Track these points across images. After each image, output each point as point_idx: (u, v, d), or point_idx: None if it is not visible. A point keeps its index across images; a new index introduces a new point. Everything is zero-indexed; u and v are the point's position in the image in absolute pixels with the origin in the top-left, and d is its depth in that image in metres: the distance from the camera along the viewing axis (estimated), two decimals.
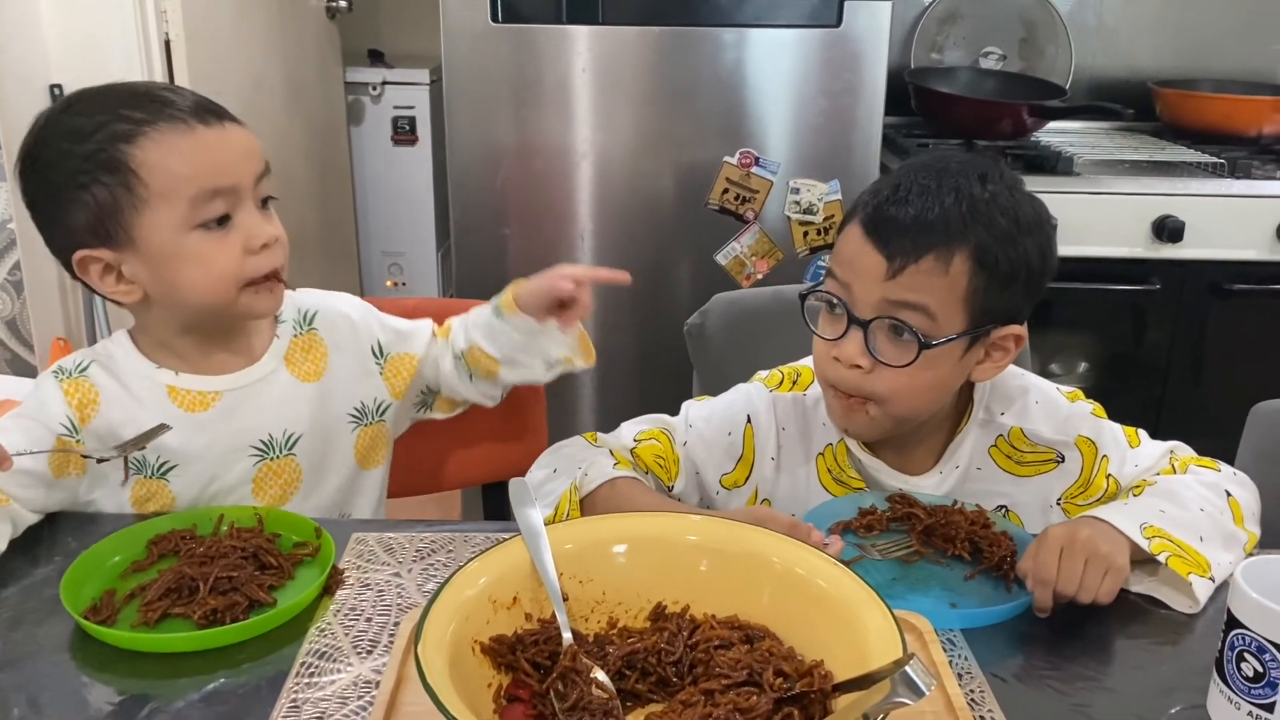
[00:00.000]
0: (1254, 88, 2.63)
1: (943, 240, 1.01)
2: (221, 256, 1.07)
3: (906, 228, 1.02)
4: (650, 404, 1.30)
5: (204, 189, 1.04)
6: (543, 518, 0.88)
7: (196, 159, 1.04)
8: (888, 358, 1.05)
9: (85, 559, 0.98)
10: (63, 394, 1.10)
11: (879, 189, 1.06)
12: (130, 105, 1.04)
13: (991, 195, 1.04)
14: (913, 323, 1.03)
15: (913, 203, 1.02)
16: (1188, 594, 0.97)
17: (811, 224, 2.19)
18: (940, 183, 1.04)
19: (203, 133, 1.05)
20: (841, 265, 1.07)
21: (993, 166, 1.08)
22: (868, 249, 1.03)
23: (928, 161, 1.09)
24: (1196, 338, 2.27)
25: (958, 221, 1.02)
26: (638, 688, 0.81)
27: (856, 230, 1.05)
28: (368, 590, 0.98)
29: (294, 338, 1.22)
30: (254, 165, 1.09)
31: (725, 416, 1.19)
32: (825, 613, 0.79)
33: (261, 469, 1.18)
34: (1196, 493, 1.06)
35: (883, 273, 1.02)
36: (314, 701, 0.83)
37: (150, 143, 1.03)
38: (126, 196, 1.03)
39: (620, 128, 2.17)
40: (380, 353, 1.27)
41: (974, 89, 2.63)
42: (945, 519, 1.05)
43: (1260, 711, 0.79)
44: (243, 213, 1.08)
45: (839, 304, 1.06)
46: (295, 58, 2.75)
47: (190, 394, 1.14)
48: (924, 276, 1.02)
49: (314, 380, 1.21)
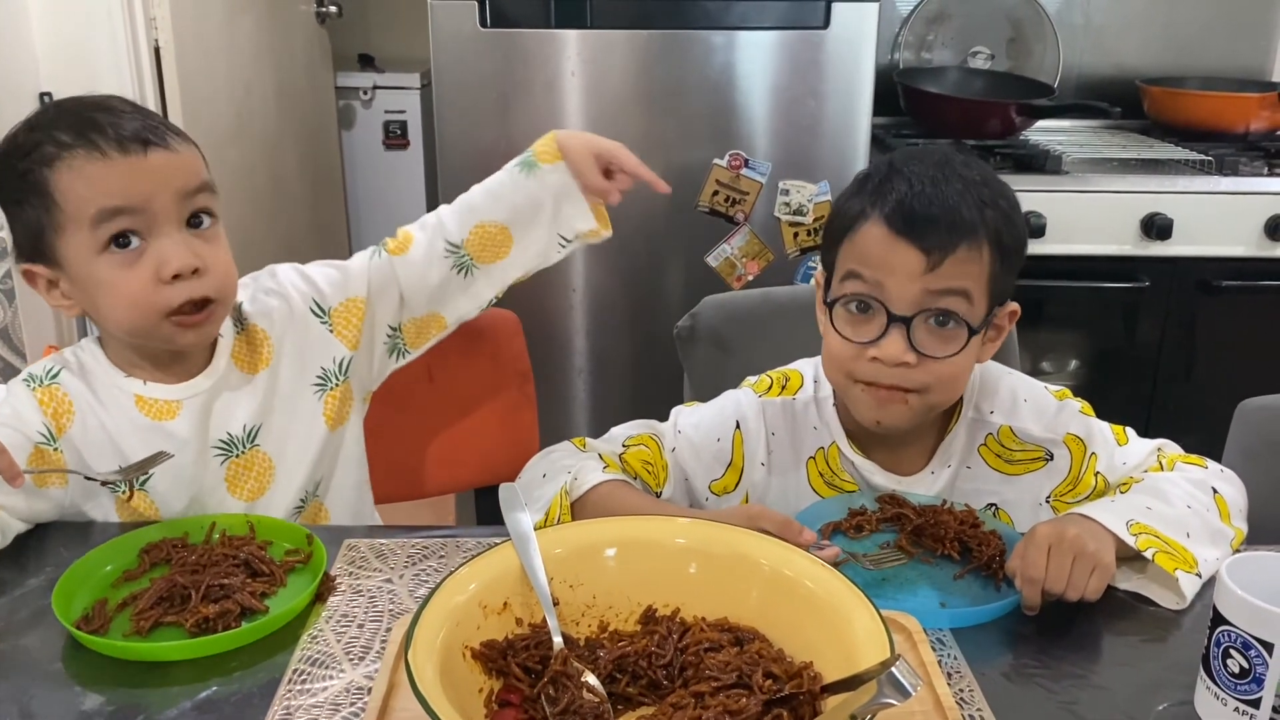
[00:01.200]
0: (1241, 85, 2.64)
1: (971, 228, 1.04)
2: (131, 283, 1.05)
3: (937, 220, 1.03)
4: (643, 406, 1.31)
5: (104, 208, 1.03)
6: (533, 523, 0.89)
7: (100, 184, 1.03)
8: (933, 350, 1.06)
9: (77, 568, 0.98)
10: (37, 403, 1.11)
11: (886, 185, 1.07)
12: (64, 127, 1.04)
13: (984, 180, 1.07)
14: (958, 309, 1.05)
15: (933, 196, 1.04)
16: (1175, 590, 0.97)
17: (801, 225, 2.19)
18: (944, 173, 1.06)
19: (117, 160, 1.03)
20: (869, 266, 1.06)
21: (961, 153, 1.12)
22: (900, 246, 1.04)
23: (913, 154, 1.10)
24: (1186, 335, 2.28)
25: (977, 210, 1.04)
26: (629, 691, 0.81)
27: (880, 229, 1.05)
28: (359, 597, 0.99)
29: (236, 336, 1.20)
30: (176, 183, 1.06)
31: (714, 423, 1.19)
32: (813, 614, 0.80)
33: (230, 467, 1.18)
34: (1183, 490, 1.06)
35: (921, 267, 1.03)
36: (306, 708, 0.83)
37: (65, 168, 1.03)
38: (47, 219, 1.05)
39: (609, 130, 2.15)
40: (322, 309, 1.24)
41: (962, 88, 2.64)
42: (934, 519, 1.06)
43: (1246, 707, 0.80)
44: (158, 237, 1.06)
45: (876, 304, 1.06)
46: (285, 63, 2.75)
47: (157, 403, 1.14)
48: (961, 264, 1.04)
49: (260, 370, 1.20)
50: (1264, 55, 2.75)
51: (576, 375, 2.33)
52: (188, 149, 1.08)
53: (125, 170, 1.03)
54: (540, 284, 2.24)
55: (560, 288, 2.27)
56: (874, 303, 1.06)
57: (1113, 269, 2.21)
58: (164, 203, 1.05)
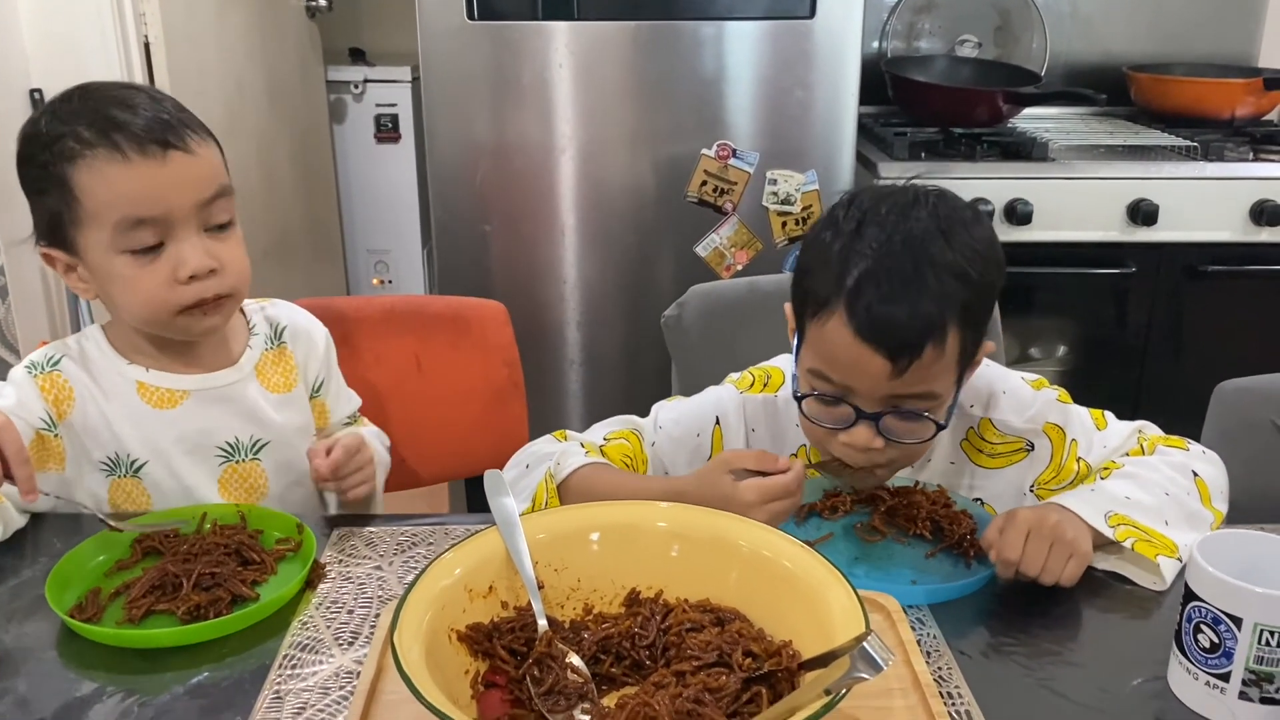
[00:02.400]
0: (1227, 70, 2.65)
1: (938, 327, 0.99)
2: (148, 282, 1.09)
3: (902, 328, 0.98)
4: (634, 396, 1.32)
5: (125, 217, 1.06)
6: (520, 511, 0.90)
7: (124, 189, 1.05)
8: (901, 436, 1.05)
9: (70, 558, 0.99)
10: (38, 389, 1.13)
11: (857, 286, 1.00)
12: (86, 122, 1.06)
13: (959, 249, 1.01)
14: (925, 409, 1.03)
15: (899, 296, 0.98)
16: (1154, 572, 0.99)
17: (789, 214, 2.21)
18: (915, 260, 0.99)
19: (138, 164, 1.05)
20: (837, 368, 1.03)
21: (930, 199, 1.04)
22: (866, 353, 0.99)
23: (883, 223, 1.02)
24: (1173, 319, 2.29)
25: (946, 304, 0.99)
26: (612, 671, 0.83)
27: (845, 332, 1.00)
28: (349, 583, 1.00)
29: (266, 350, 1.25)
30: (196, 193, 1.08)
31: (694, 418, 1.20)
32: (791, 593, 0.81)
33: (227, 471, 1.20)
34: (1163, 474, 1.07)
35: (887, 374, 1.00)
36: (296, 692, 0.85)
37: (86, 167, 1.05)
38: (68, 213, 1.08)
39: (598, 122, 2.18)
40: (317, 388, 1.30)
41: (950, 77, 2.65)
42: (907, 499, 1.08)
43: (1216, 680, 0.81)
44: (177, 241, 1.08)
45: (843, 402, 1.04)
46: (276, 57, 2.75)
47: (159, 391, 1.16)
48: (927, 367, 1.00)
49: (284, 392, 1.24)
50: (1250, 41, 2.77)
51: (568, 366, 2.34)
52: (206, 148, 1.10)
53: (145, 175, 1.05)
54: (531, 276, 2.27)
55: (551, 279, 2.28)
56: (841, 401, 1.04)
57: (1099, 255, 2.23)
58: (183, 212, 1.08)
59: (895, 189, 1.06)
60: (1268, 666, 0.79)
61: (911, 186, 1.06)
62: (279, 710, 0.82)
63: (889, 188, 1.07)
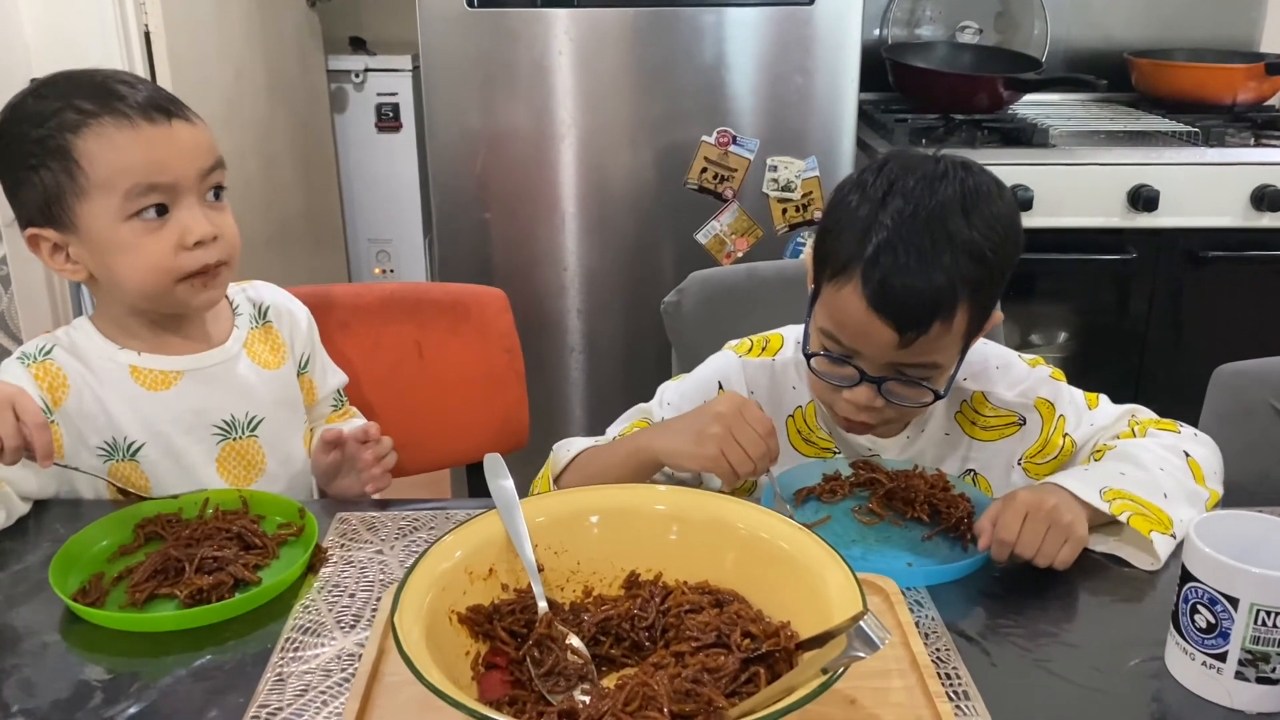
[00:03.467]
0: (1228, 55, 2.65)
1: (948, 304, 1.02)
2: (154, 249, 1.10)
3: (913, 301, 1.01)
4: (635, 383, 1.33)
5: (138, 183, 1.07)
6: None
7: (134, 154, 1.07)
8: (902, 399, 1.08)
9: (74, 543, 1.00)
10: (32, 378, 1.13)
11: (876, 254, 1.01)
12: (84, 95, 1.07)
13: (978, 226, 1.02)
14: (926, 377, 1.07)
15: (914, 270, 1.00)
16: (1149, 552, 0.99)
17: (790, 201, 2.21)
18: (932, 234, 1.01)
19: (145, 129, 1.07)
20: (846, 332, 1.06)
21: (957, 173, 1.05)
22: (876, 323, 1.02)
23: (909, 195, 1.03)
24: (1173, 305, 2.29)
25: (958, 281, 1.01)
26: (612, 653, 0.84)
27: (858, 301, 1.03)
28: (350, 567, 1.01)
29: (252, 329, 1.26)
30: (199, 161, 1.11)
31: (698, 387, 1.22)
32: (789, 574, 0.82)
33: (224, 449, 1.21)
34: (1156, 454, 1.08)
35: (894, 344, 1.03)
36: (299, 675, 0.85)
37: (93, 135, 1.06)
38: (69, 184, 1.07)
39: (598, 110, 2.18)
40: (304, 364, 1.33)
41: (950, 63, 2.64)
42: (906, 483, 1.08)
43: (1213, 661, 0.82)
44: (181, 208, 1.10)
45: (849, 363, 1.07)
46: (276, 47, 2.75)
47: (152, 373, 1.17)
48: (933, 341, 1.03)
49: (274, 368, 1.26)
50: (1251, 26, 2.76)
51: (569, 354, 2.35)
52: (201, 123, 1.13)
53: (153, 140, 1.07)
54: (532, 264, 2.28)
55: (552, 267, 2.28)
56: (847, 362, 1.07)
57: (1100, 241, 2.22)
58: (189, 179, 1.10)
59: (925, 159, 1.08)
60: (1264, 646, 0.80)
61: (942, 158, 1.08)
62: (281, 692, 0.83)
63: (918, 157, 1.08)
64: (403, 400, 1.46)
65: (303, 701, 0.82)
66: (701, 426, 1.02)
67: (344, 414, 1.39)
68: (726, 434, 1.00)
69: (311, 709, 0.81)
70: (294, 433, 1.28)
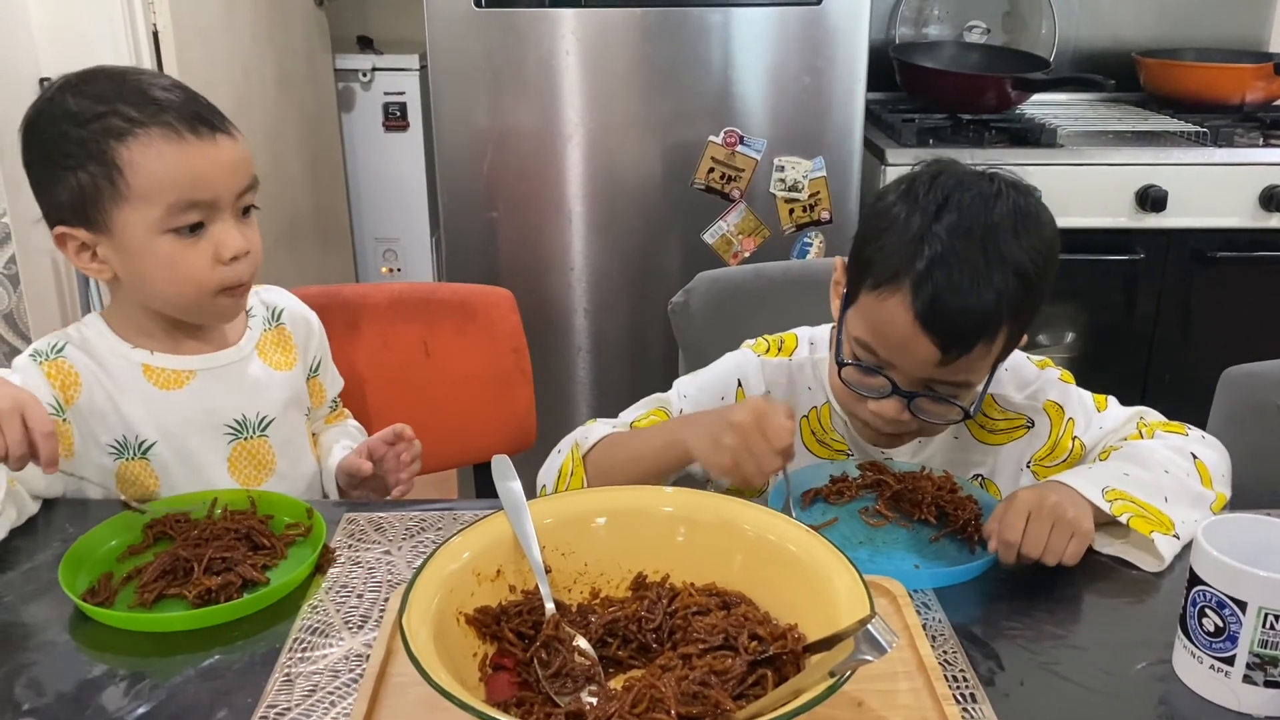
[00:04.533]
0: (1237, 55, 2.64)
1: (994, 324, 1.02)
2: (189, 263, 1.10)
3: (963, 320, 1.00)
4: (642, 383, 1.33)
5: (181, 199, 1.08)
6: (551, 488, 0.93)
7: (180, 169, 1.07)
8: (929, 415, 1.08)
9: (82, 543, 1.00)
10: (44, 376, 1.13)
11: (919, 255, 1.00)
12: (130, 101, 1.07)
13: (1026, 248, 1.02)
14: (957, 395, 1.07)
15: (966, 289, 0.99)
16: (1153, 553, 0.99)
17: (797, 201, 2.21)
18: (985, 252, 1.00)
19: (192, 143, 1.07)
20: (886, 344, 1.05)
21: (1010, 192, 1.05)
22: (921, 338, 1.01)
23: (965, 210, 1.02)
24: (1181, 306, 2.29)
25: (1004, 302, 1.01)
26: (619, 654, 0.84)
27: (905, 314, 1.01)
28: (358, 568, 1.01)
29: (265, 331, 1.27)
30: (239, 180, 1.11)
31: (717, 383, 1.23)
32: (796, 576, 0.82)
33: (236, 448, 1.21)
34: (1162, 455, 1.08)
35: (934, 361, 1.03)
36: (307, 675, 0.85)
37: (139, 145, 1.06)
38: (109, 189, 1.07)
39: (605, 110, 2.18)
40: (315, 369, 1.34)
41: (958, 63, 2.64)
42: (913, 484, 1.08)
43: (1221, 664, 0.82)
44: (217, 224, 1.11)
45: (882, 375, 1.07)
46: (284, 46, 2.76)
47: (165, 372, 1.17)
48: (974, 360, 1.03)
49: (285, 370, 1.27)
50: (1260, 26, 2.75)
51: (576, 354, 2.35)
52: (240, 136, 1.13)
53: (199, 156, 1.08)
54: (539, 264, 2.28)
55: (559, 267, 2.28)
56: (879, 373, 1.07)
57: (1108, 241, 2.22)
58: (227, 198, 1.11)
59: (978, 174, 1.07)
60: (1272, 650, 0.79)
61: (995, 175, 1.07)
62: (289, 693, 0.83)
63: (972, 172, 1.07)
64: (410, 400, 1.46)
65: (311, 702, 0.82)
66: (718, 433, 1.01)
67: (339, 415, 1.41)
68: (741, 445, 0.99)
69: (319, 709, 0.81)
70: (302, 434, 1.28)
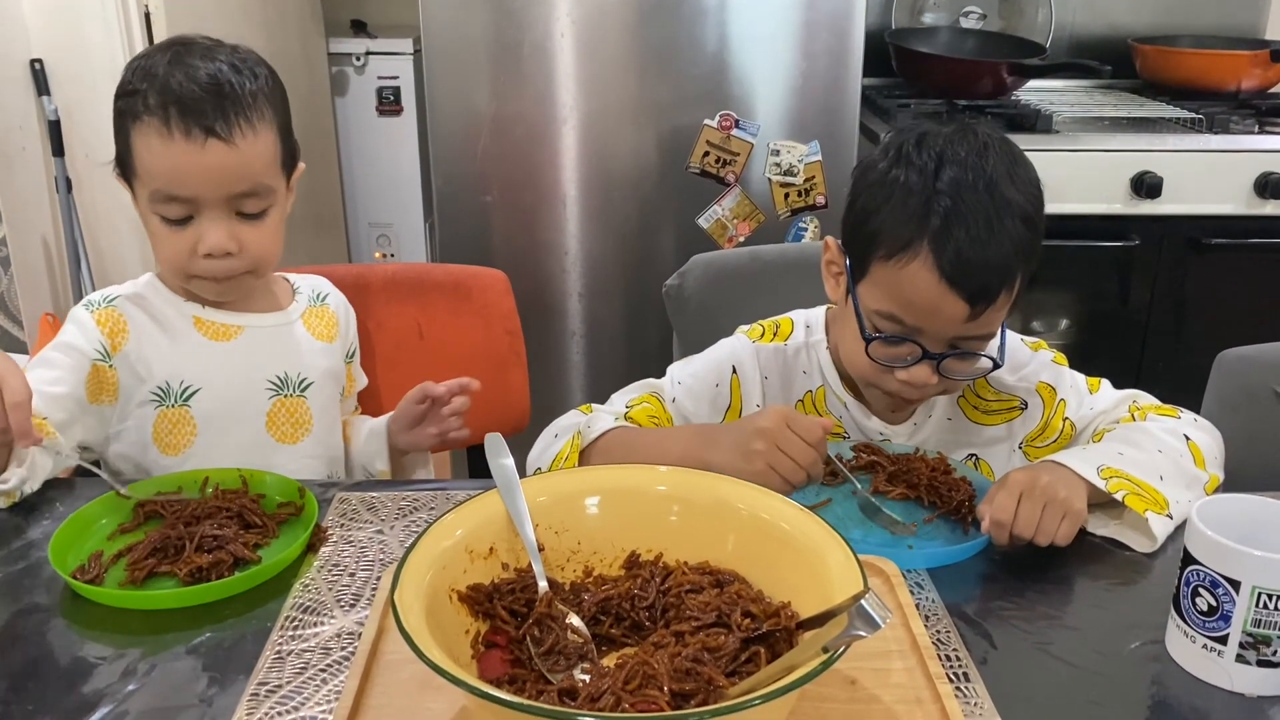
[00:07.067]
0: (1232, 42, 2.64)
1: (1013, 271, 1.02)
2: (170, 245, 1.15)
3: (984, 273, 1.01)
4: (636, 367, 1.33)
5: (160, 190, 1.12)
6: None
7: (161, 165, 1.11)
8: (956, 374, 1.08)
9: (73, 521, 1.00)
10: (95, 322, 1.18)
11: (944, 228, 1.00)
12: (158, 87, 1.10)
13: (1022, 190, 1.03)
14: (984, 349, 1.07)
15: (984, 240, 1.00)
16: (1146, 533, 0.99)
17: (792, 185, 2.20)
18: (995, 204, 1.01)
19: (177, 143, 1.10)
20: (913, 310, 1.04)
21: (995, 139, 1.06)
22: (949, 296, 1.01)
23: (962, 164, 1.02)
24: (1176, 292, 2.29)
25: (1017, 247, 1.02)
26: (612, 632, 0.83)
27: (931, 276, 1.01)
28: (350, 547, 1.01)
29: (310, 305, 1.31)
30: (228, 185, 1.12)
31: (711, 369, 1.22)
32: (790, 554, 0.82)
33: (275, 404, 1.25)
34: (1156, 437, 1.08)
35: (963, 316, 1.02)
36: (298, 653, 0.85)
37: (140, 131, 1.12)
38: (128, 158, 1.15)
39: (600, 93, 2.17)
40: (350, 354, 1.38)
41: (954, 49, 2.63)
42: (907, 466, 1.08)
43: (1214, 644, 0.82)
44: (205, 220, 1.14)
45: (910, 342, 1.06)
46: (277, 29, 2.74)
47: (216, 325, 1.23)
48: (998, 310, 1.04)
49: (327, 341, 1.31)
50: (1256, 13, 2.75)
51: (570, 338, 2.34)
52: (250, 141, 1.12)
53: (180, 157, 1.10)
54: (533, 247, 2.27)
55: (553, 251, 2.28)
56: (907, 340, 1.07)
57: (1103, 228, 2.22)
58: (212, 199, 1.13)
59: (959, 127, 1.07)
60: (1265, 629, 0.80)
61: (973, 126, 1.07)
62: (281, 670, 0.83)
63: (952, 127, 1.07)
64: (404, 381, 1.44)
65: (302, 679, 0.82)
66: (745, 442, 1.01)
67: (356, 412, 1.43)
68: (771, 448, 0.99)
69: (311, 686, 0.81)
70: (336, 407, 1.32)
